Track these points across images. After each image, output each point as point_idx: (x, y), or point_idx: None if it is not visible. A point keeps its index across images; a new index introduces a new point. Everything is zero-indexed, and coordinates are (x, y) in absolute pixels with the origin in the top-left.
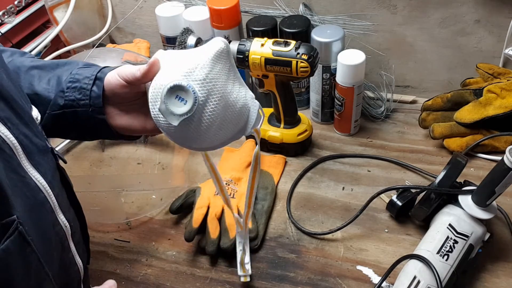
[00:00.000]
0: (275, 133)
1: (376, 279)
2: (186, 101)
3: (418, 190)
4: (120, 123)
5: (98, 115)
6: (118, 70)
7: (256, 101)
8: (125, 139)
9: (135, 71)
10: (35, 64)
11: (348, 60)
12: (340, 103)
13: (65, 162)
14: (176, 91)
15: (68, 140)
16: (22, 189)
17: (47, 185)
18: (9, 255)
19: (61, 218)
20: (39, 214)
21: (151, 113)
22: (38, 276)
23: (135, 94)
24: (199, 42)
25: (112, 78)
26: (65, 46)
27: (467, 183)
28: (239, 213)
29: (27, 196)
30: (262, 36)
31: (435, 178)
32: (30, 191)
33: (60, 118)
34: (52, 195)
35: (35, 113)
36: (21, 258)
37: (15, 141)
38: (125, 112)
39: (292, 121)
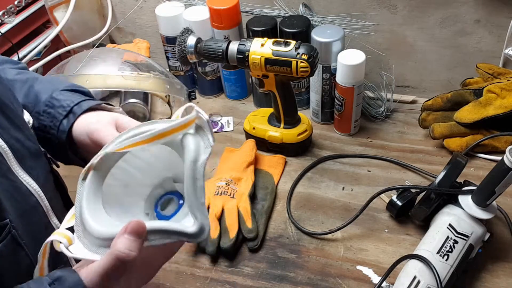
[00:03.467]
0: (275, 133)
1: (376, 279)
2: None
3: (418, 190)
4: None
5: (64, 149)
6: (90, 132)
7: None
8: None
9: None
10: (18, 77)
11: (348, 60)
12: (340, 103)
13: (57, 166)
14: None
15: None
16: (13, 194)
17: (39, 189)
18: (2, 258)
19: (55, 221)
20: (32, 218)
21: None
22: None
23: None
24: (199, 42)
25: (81, 135)
26: (65, 46)
27: (467, 183)
28: (239, 213)
29: (17, 200)
30: (262, 36)
31: (435, 178)
32: (21, 195)
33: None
34: (45, 198)
35: (27, 116)
36: (14, 261)
37: (4, 146)
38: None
39: (292, 121)
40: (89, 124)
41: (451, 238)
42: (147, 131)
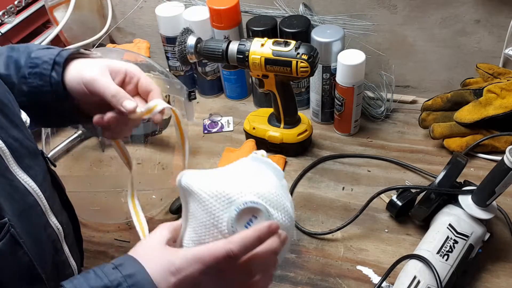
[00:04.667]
0: (275, 133)
1: (376, 279)
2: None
3: (418, 190)
4: (86, 110)
5: (63, 101)
6: (86, 81)
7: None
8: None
9: (107, 93)
10: None
11: (348, 60)
12: (340, 103)
13: (54, 165)
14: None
15: (68, 141)
16: (10, 193)
17: (37, 188)
18: (1, 257)
19: (53, 220)
20: (30, 216)
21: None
22: (31, 278)
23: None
24: (199, 42)
25: (78, 85)
26: (65, 46)
27: (467, 183)
28: None
29: (15, 199)
30: (262, 36)
31: (435, 178)
32: (19, 194)
33: (28, 106)
34: (43, 197)
35: (24, 116)
36: (13, 260)
37: (2, 145)
38: (90, 103)
39: (292, 121)
40: (81, 72)
41: (451, 238)
42: None
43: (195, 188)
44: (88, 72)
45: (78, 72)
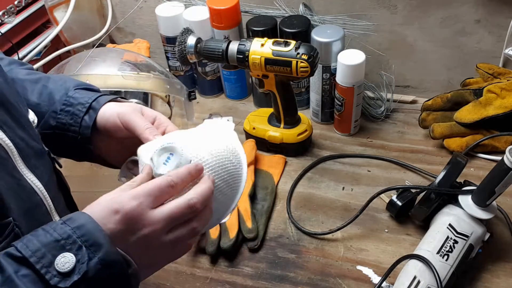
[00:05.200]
0: (275, 133)
1: (376, 279)
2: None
3: (418, 190)
4: (105, 157)
5: (85, 144)
6: (120, 113)
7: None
8: (111, 167)
9: (140, 131)
10: (29, 77)
11: (348, 60)
12: (340, 103)
13: (60, 166)
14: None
15: None
16: (17, 192)
17: (43, 188)
18: None
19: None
20: (35, 216)
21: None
22: None
23: (128, 135)
24: (199, 42)
25: (111, 117)
26: (65, 46)
27: (467, 183)
28: (239, 213)
29: (22, 198)
30: (262, 36)
31: (435, 178)
32: (26, 193)
33: (49, 137)
34: (49, 197)
35: (32, 116)
36: None
37: (10, 144)
38: (112, 148)
39: (292, 121)
40: (116, 107)
41: (451, 238)
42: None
43: (138, 155)
44: (124, 107)
45: (113, 108)
